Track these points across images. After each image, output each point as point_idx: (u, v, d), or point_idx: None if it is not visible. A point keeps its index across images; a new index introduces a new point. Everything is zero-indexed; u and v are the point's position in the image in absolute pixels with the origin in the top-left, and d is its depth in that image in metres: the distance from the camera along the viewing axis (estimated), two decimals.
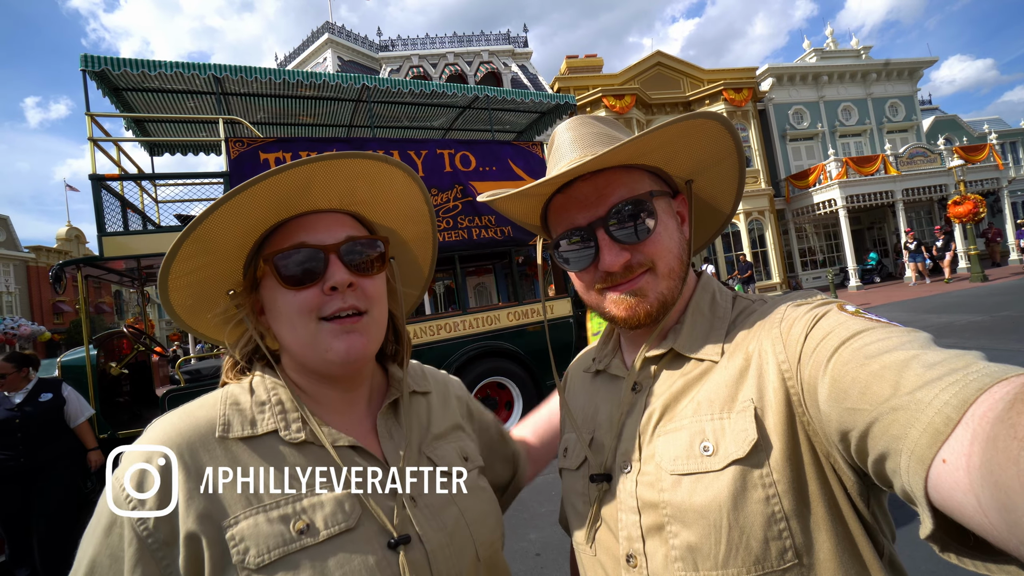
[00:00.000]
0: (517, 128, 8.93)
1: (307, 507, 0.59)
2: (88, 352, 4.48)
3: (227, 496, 0.58)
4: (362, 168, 0.68)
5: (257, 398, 0.66)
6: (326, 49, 20.26)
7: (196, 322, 0.72)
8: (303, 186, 0.64)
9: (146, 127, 7.07)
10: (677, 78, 20.80)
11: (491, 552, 0.72)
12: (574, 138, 0.72)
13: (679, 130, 0.65)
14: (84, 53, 5.18)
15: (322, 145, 5.81)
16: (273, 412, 0.65)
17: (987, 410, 0.35)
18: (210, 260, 0.65)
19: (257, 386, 0.68)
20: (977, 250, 13.97)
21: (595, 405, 0.79)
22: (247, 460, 0.60)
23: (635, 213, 0.67)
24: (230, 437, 0.61)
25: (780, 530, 0.54)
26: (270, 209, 0.65)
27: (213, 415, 0.63)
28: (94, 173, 4.85)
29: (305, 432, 0.65)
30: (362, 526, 0.61)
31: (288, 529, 0.57)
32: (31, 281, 29.71)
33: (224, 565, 0.55)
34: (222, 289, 0.69)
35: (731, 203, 0.81)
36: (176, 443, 0.59)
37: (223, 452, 0.60)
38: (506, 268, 7.18)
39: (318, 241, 0.66)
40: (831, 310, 0.58)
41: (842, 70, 21.55)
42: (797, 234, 20.82)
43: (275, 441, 0.63)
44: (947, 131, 24.75)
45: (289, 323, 0.65)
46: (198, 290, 0.68)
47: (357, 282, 0.67)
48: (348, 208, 0.72)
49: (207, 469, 0.58)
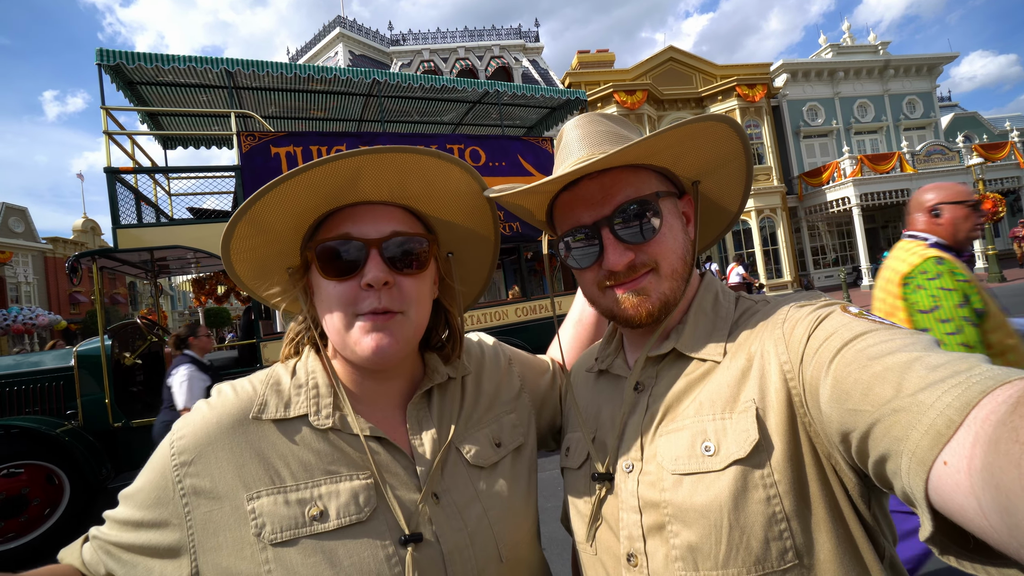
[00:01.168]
0: (527, 123, 8.91)
1: (324, 494, 0.61)
2: (103, 342, 4.56)
3: (253, 472, 0.61)
4: (412, 162, 0.66)
5: (296, 380, 0.70)
6: (337, 43, 20.32)
7: (260, 289, 0.76)
8: (351, 177, 0.65)
9: (160, 121, 7.16)
10: (689, 74, 20.59)
11: (516, 551, 0.71)
12: (582, 136, 0.72)
13: (688, 132, 0.65)
14: (99, 47, 5.25)
15: (333, 139, 5.84)
16: (308, 396, 0.68)
17: (989, 413, 0.35)
18: (265, 240, 0.68)
19: (300, 368, 0.72)
20: (995, 250, 13.69)
21: (597, 405, 0.79)
22: (275, 441, 0.64)
23: (640, 213, 0.67)
24: (263, 418, 0.65)
25: (781, 530, 0.54)
26: (319, 197, 0.66)
27: (254, 395, 0.67)
28: (109, 166, 4.93)
29: (334, 419, 0.66)
30: (375, 520, 0.62)
31: (303, 513, 0.59)
32: (48, 272, 30.24)
33: (240, 530, 0.59)
34: (282, 265, 0.73)
35: (738, 204, 0.81)
36: (214, 415, 0.65)
37: (256, 431, 0.64)
38: (515, 263, 7.18)
39: (362, 234, 0.66)
40: (834, 311, 0.58)
41: (859, 66, 21.18)
42: (809, 232, 20.58)
43: (305, 425, 0.66)
44: (966, 128, 24.27)
45: (328, 311, 0.67)
46: (259, 265, 0.72)
47: (395, 280, 0.66)
48: (400, 201, 0.72)
49: (237, 442, 0.63)
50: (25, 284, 28.54)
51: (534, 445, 0.84)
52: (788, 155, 20.69)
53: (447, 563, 0.63)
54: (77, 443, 4.16)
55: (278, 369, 0.72)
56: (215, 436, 0.63)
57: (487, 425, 0.78)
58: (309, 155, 5.65)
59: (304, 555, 0.57)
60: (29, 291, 28.79)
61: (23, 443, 4.01)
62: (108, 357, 4.54)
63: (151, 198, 6.29)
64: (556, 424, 0.91)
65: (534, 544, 0.76)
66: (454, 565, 0.63)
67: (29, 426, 4.04)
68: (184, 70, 5.74)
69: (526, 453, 0.80)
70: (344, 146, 5.78)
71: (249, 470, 0.61)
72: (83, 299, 31.10)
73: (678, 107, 19.89)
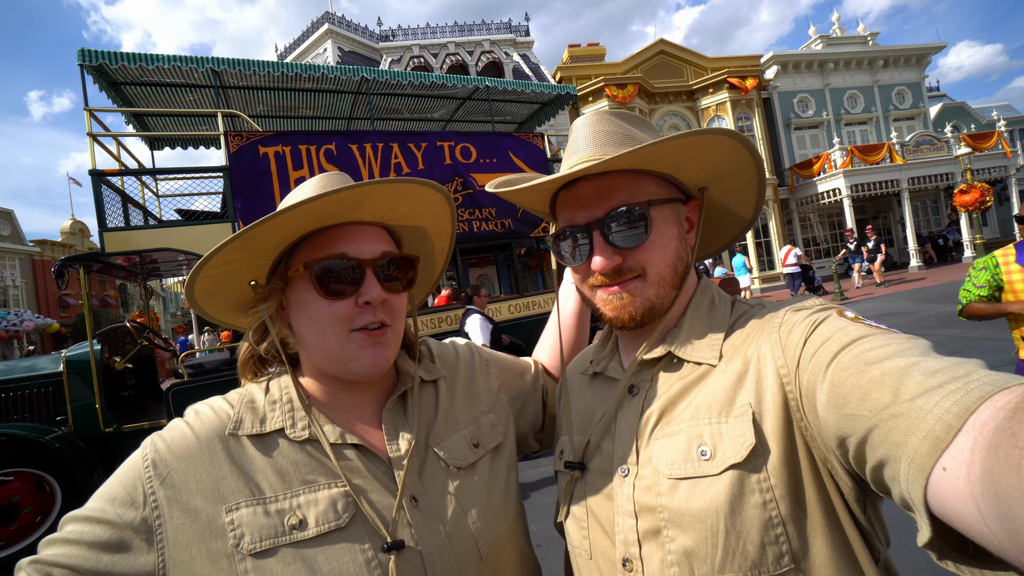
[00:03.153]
0: (518, 119, 8.88)
1: (303, 503, 0.62)
2: (92, 347, 4.51)
3: (231, 485, 0.61)
4: (412, 191, 0.72)
5: (271, 397, 0.71)
6: (326, 40, 20.13)
7: (210, 306, 0.74)
8: (357, 202, 0.67)
9: (146, 121, 7.06)
10: (680, 66, 20.58)
11: (496, 548, 0.72)
12: (590, 134, 0.72)
13: (687, 143, 0.64)
14: (81, 48, 5.16)
15: (321, 138, 5.78)
16: (283, 410, 0.69)
17: (988, 419, 0.35)
18: (245, 255, 0.67)
19: (273, 386, 0.72)
20: (983, 239, 13.84)
21: (592, 407, 0.78)
22: (253, 455, 0.64)
23: (631, 219, 0.67)
24: (240, 434, 0.65)
25: (777, 535, 0.54)
26: (317, 217, 0.67)
27: (229, 413, 0.68)
28: (94, 169, 4.85)
29: (310, 430, 0.67)
30: (354, 525, 0.62)
31: (282, 523, 0.60)
32: (36, 275, 29.87)
33: (215, 542, 0.58)
34: (244, 280, 0.71)
35: (751, 211, 0.80)
36: (190, 429, 0.65)
37: (234, 446, 0.65)
38: (507, 259, 7.17)
39: (357, 254, 0.69)
40: (830, 316, 0.58)
41: (848, 57, 21.28)
42: (801, 224, 20.72)
43: (281, 438, 0.67)
44: (955, 118, 24.49)
45: (319, 329, 0.68)
46: (221, 280, 0.70)
47: (388, 298, 0.70)
48: (386, 222, 0.76)
49: (214, 456, 0.63)
50: (13, 288, 28.19)
51: (513, 444, 0.86)
52: (779, 147, 20.79)
53: (426, 564, 0.64)
54: (68, 449, 4.12)
55: (251, 388, 0.73)
56: (193, 451, 0.63)
57: (464, 426, 0.80)
58: (298, 154, 5.59)
59: (284, 564, 0.58)
60: (17, 295, 28.44)
61: (13, 450, 3.96)
62: (98, 361, 4.49)
63: (138, 200, 6.22)
64: (538, 424, 0.93)
65: (517, 540, 0.76)
66: (434, 566, 0.64)
67: (18, 433, 3.99)
68: (169, 70, 5.65)
69: (505, 452, 0.82)
70: (333, 144, 5.72)
71: (227, 483, 0.61)
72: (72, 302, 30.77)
73: (669, 100, 19.89)
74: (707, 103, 19.65)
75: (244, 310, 0.76)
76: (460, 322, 5.21)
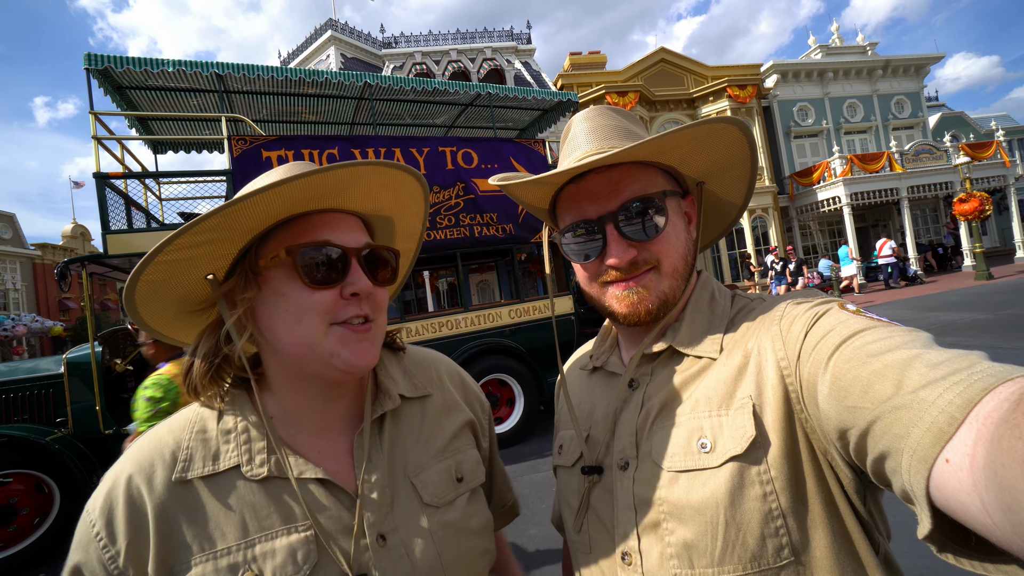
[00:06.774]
0: (520, 126, 8.91)
1: (258, 555, 0.57)
2: (93, 349, 4.51)
3: (181, 539, 0.56)
4: (400, 179, 0.68)
5: (224, 425, 0.63)
6: (329, 46, 20.24)
7: (151, 305, 0.62)
8: (346, 185, 0.62)
9: (150, 125, 7.09)
10: (681, 75, 20.68)
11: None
12: (591, 129, 0.72)
13: (701, 132, 0.65)
14: (87, 52, 5.20)
15: (324, 143, 5.81)
16: (238, 443, 0.62)
17: (992, 410, 0.35)
18: (217, 236, 0.58)
19: (227, 410, 0.65)
20: (982, 247, 13.84)
21: (591, 402, 0.78)
22: (205, 501, 0.58)
23: (645, 211, 0.67)
24: (189, 477, 0.59)
25: (777, 527, 0.54)
26: (302, 201, 0.60)
27: (176, 449, 0.61)
28: (98, 171, 4.88)
29: (269, 465, 0.61)
30: (318, 574, 0.58)
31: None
32: (37, 278, 29.87)
33: None
34: (201, 271, 0.61)
35: (739, 206, 0.81)
36: (135, 481, 0.58)
37: (183, 492, 0.58)
38: (508, 265, 7.17)
39: (342, 242, 0.63)
40: (832, 308, 0.58)
41: (847, 67, 21.36)
42: (801, 232, 20.71)
43: (237, 478, 0.60)
44: (953, 128, 24.58)
45: (295, 321, 0.60)
46: (176, 270, 0.59)
47: (374, 291, 0.65)
48: (365, 212, 0.70)
49: (163, 509, 0.57)
50: (13, 291, 28.17)
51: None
52: (779, 155, 20.83)
53: None
54: (67, 451, 4.10)
55: (203, 413, 0.65)
56: (137, 506, 0.56)
57: (450, 456, 0.73)
58: (300, 158, 5.60)
59: None
60: (18, 298, 28.42)
61: (12, 452, 3.95)
62: (99, 364, 4.48)
63: (142, 203, 6.23)
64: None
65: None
66: None
67: (18, 435, 3.98)
68: (173, 74, 5.69)
69: (483, 488, 0.78)
70: (336, 149, 5.74)
71: (176, 538, 0.56)
72: (73, 305, 30.74)
73: (670, 108, 19.97)
74: (707, 111, 19.71)
75: (188, 312, 0.66)
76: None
